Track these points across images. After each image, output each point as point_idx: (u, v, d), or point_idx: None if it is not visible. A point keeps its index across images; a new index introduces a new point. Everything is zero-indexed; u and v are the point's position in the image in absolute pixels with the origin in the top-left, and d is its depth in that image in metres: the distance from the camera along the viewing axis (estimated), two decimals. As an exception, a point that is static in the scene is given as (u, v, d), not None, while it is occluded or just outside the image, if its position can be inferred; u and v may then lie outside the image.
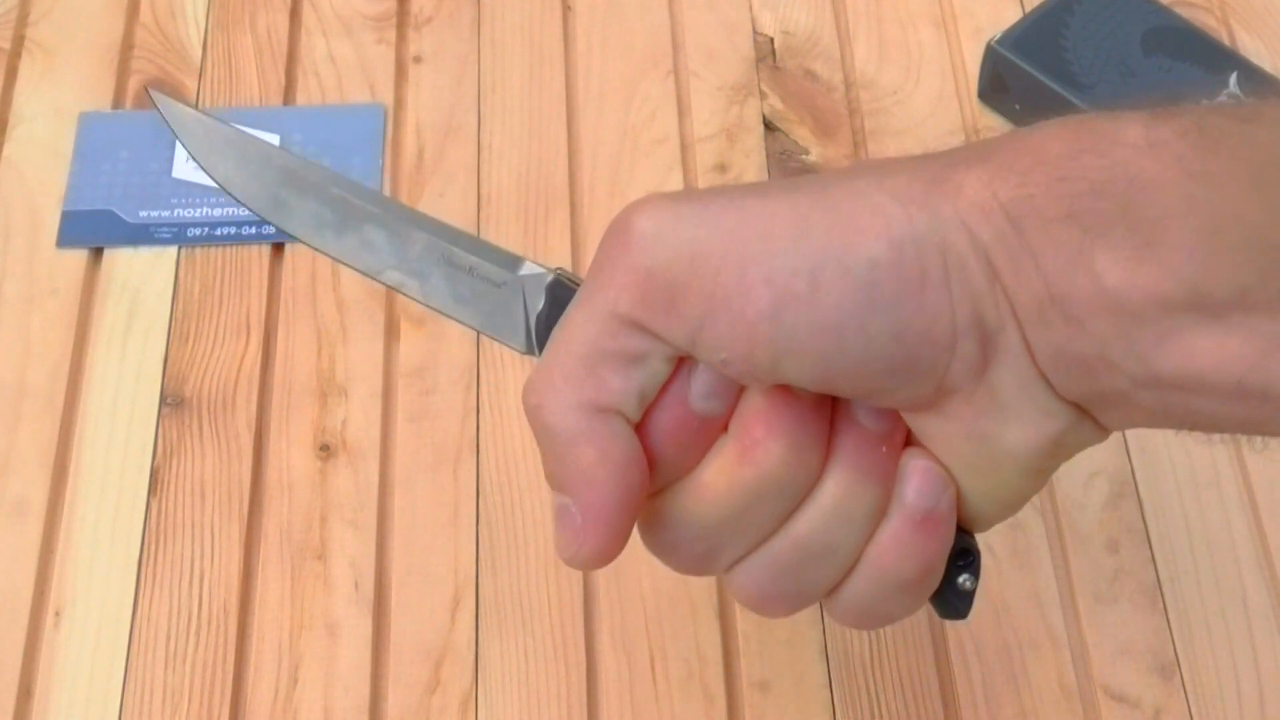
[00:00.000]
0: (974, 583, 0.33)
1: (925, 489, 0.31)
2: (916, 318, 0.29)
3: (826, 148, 0.57)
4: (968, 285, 0.29)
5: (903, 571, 0.32)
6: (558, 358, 0.31)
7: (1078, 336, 0.28)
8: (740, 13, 0.61)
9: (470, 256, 0.35)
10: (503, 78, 0.59)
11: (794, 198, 0.30)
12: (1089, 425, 0.31)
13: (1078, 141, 0.29)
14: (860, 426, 0.32)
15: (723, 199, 0.30)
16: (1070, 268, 0.28)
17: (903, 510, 0.32)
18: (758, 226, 0.29)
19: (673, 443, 0.32)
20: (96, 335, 0.52)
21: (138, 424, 0.50)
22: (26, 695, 0.45)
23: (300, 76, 0.59)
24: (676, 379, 0.31)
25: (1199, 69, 0.55)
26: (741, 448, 0.31)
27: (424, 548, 0.48)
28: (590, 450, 0.31)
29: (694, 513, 0.32)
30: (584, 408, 0.31)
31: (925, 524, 0.32)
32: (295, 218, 0.36)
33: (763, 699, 0.45)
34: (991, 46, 0.56)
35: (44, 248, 0.54)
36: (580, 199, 0.56)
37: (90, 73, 0.59)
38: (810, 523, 0.31)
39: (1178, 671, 0.45)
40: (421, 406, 0.51)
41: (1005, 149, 0.29)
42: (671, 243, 0.29)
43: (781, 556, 0.32)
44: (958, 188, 0.29)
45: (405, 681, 0.46)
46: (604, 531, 0.31)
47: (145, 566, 0.47)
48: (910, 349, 0.29)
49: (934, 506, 0.32)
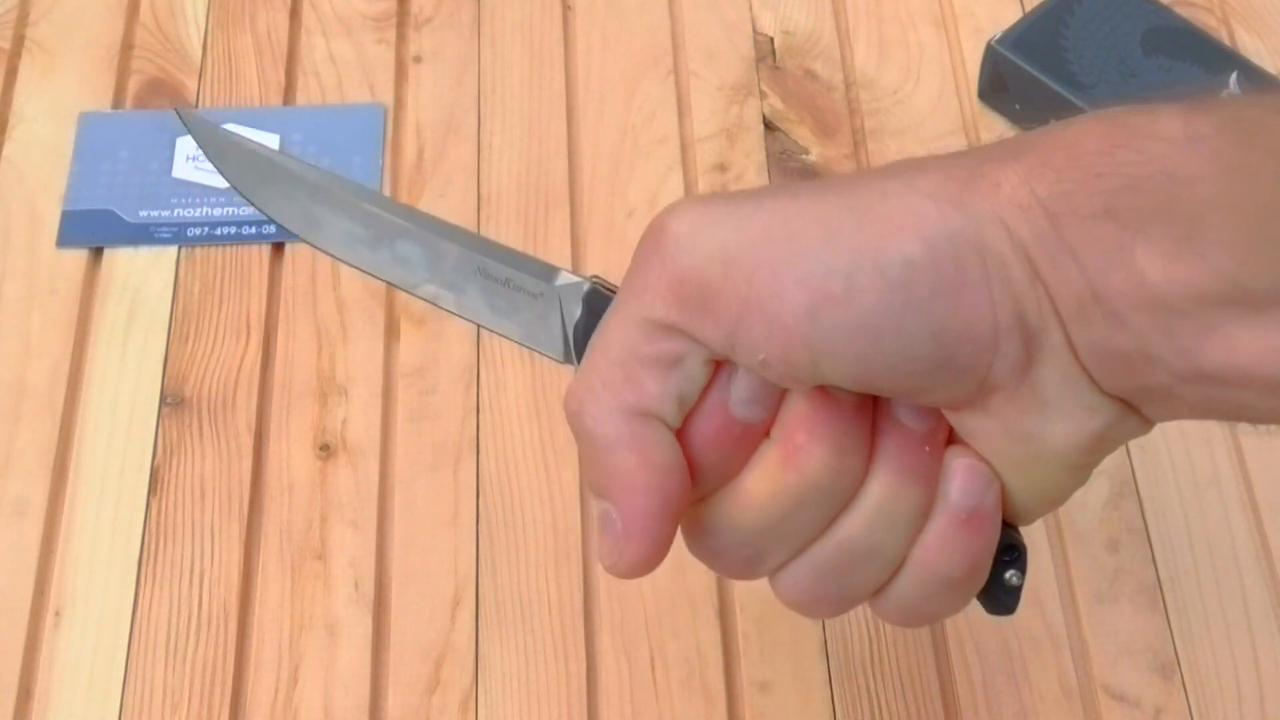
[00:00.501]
0: (1021, 578, 0.33)
1: (970, 487, 0.31)
2: (955, 317, 0.29)
3: (826, 147, 0.57)
4: (1008, 283, 0.28)
5: (949, 570, 0.32)
6: (596, 364, 0.31)
7: (1119, 332, 0.28)
8: (740, 13, 0.61)
9: (505, 268, 0.35)
10: (503, 77, 0.59)
11: (824, 198, 0.30)
12: (1133, 419, 0.30)
13: (1113, 137, 0.28)
14: (902, 426, 0.31)
15: (754, 201, 0.30)
16: (1110, 264, 0.28)
17: (947, 509, 0.31)
18: (789, 228, 0.29)
19: (714, 450, 0.32)
20: (96, 335, 0.52)
21: (138, 424, 0.50)
22: (26, 695, 0.45)
23: (300, 76, 0.59)
24: (716, 385, 0.31)
25: (1199, 69, 0.55)
26: (784, 453, 0.31)
27: (424, 547, 0.48)
28: (630, 455, 0.31)
29: (737, 519, 0.32)
30: (623, 413, 0.31)
31: (970, 522, 0.31)
32: (329, 235, 0.36)
33: (763, 699, 0.45)
34: (991, 46, 0.56)
35: (44, 247, 0.54)
36: (580, 199, 0.56)
37: (90, 72, 0.59)
38: (855, 526, 0.31)
39: (1178, 671, 0.45)
40: (421, 406, 0.51)
41: (1040, 146, 0.29)
42: (704, 246, 0.30)
43: (827, 560, 0.32)
44: (994, 185, 0.29)
45: (405, 681, 0.46)
46: (646, 538, 0.31)
47: (145, 566, 0.47)
48: (950, 348, 0.29)
49: (979, 504, 0.31)
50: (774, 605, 0.47)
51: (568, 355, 0.34)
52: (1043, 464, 0.31)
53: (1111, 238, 0.28)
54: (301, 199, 0.36)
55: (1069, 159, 0.28)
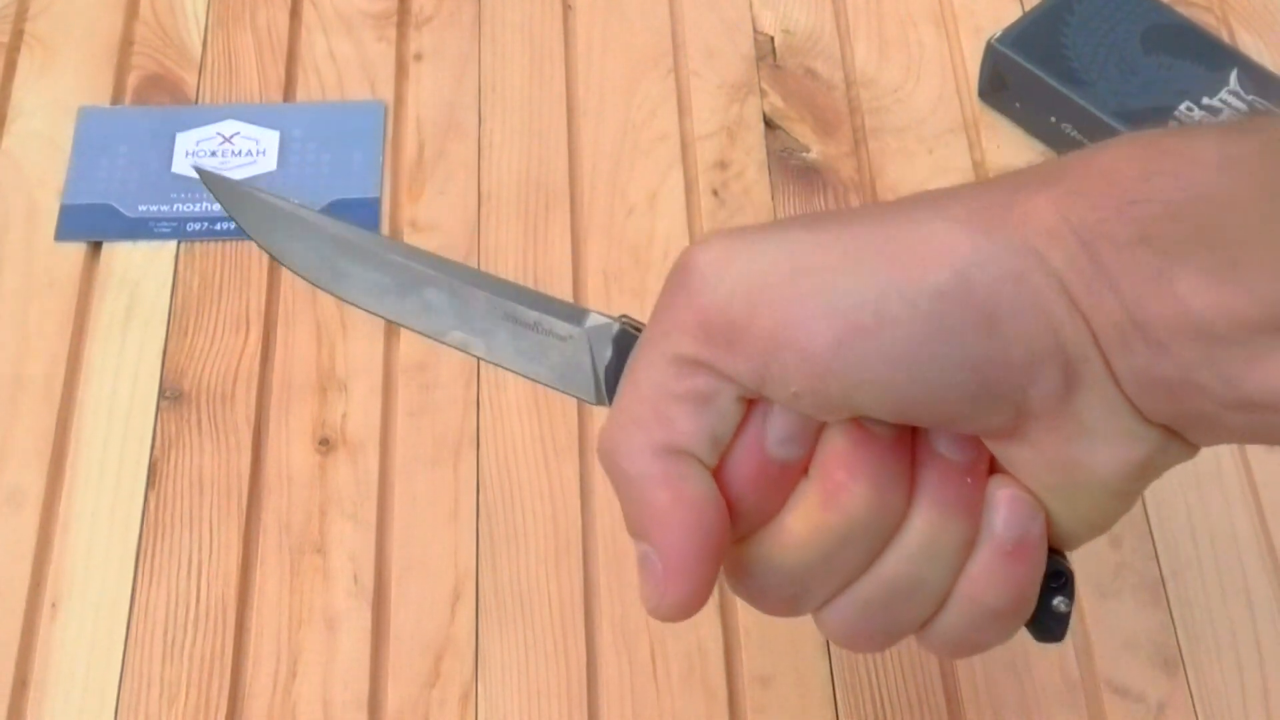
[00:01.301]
0: (1069, 605, 0.33)
1: (1014, 518, 0.31)
2: (990, 346, 0.28)
3: (827, 145, 0.57)
4: (1044, 312, 0.28)
5: (996, 602, 0.31)
6: (626, 403, 0.31)
7: (1162, 360, 0.28)
8: (740, 12, 0.61)
9: (533, 312, 0.34)
10: (503, 76, 0.59)
11: (851, 228, 0.29)
12: (1177, 444, 0.30)
13: (1149, 162, 0.28)
14: (943, 458, 0.31)
15: (779, 233, 0.30)
16: (1150, 292, 0.27)
17: (992, 541, 0.31)
18: (815, 259, 0.29)
19: (752, 489, 0.31)
20: (95, 328, 0.52)
21: (136, 417, 0.50)
22: (22, 687, 0.45)
23: (300, 73, 0.59)
24: (751, 424, 0.31)
25: (1199, 66, 0.55)
26: (824, 491, 0.30)
27: (424, 542, 0.48)
28: (664, 492, 0.30)
29: (778, 559, 0.31)
30: (655, 450, 0.30)
31: (1016, 553, 0.31)
32: (355, 286, 0.36)
33: (764, 693, 0.45)
34: (991, 45, 0.57)
35: (42, 241, 0.54)
36: (580, 197, 0.56)
37: (89, 68, 0.58)
38: (898, 562, 0.31)
39: (1181, 665, 0.45)
40: (422, 401, 0.51)
41: (1073, 172, 0.28)
42: (729, 280, 0.29)
43: (871, 596, 0.31)
44: (1024, 214, 0.28)
45: (405, 675, 0.45)
46: (687, 578, 0.30)
47: (143, 559, 0.47)
48: (985, 377, 0.28)
49: (1024, 535, 0.31)
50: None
51: (599, 397, 0.34)
52: (1087, 492, 0.30)
53: (1149, 266, 0.27)
54: (325, 251, 0.36)
55: (1103, 185, 0.28)
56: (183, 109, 0.57)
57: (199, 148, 0.56)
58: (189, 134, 0.56)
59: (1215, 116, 0.54)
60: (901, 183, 0.56)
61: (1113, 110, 0.54)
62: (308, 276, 0.36)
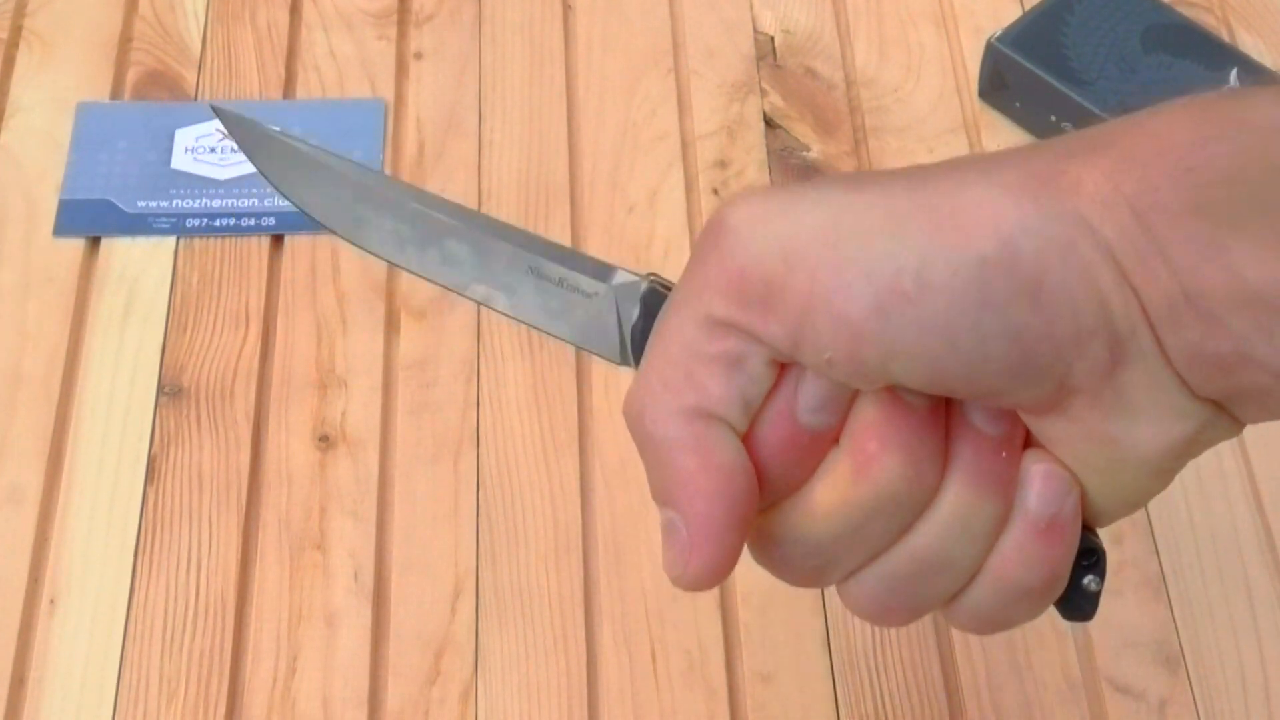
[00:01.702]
0: (1099, 584, 0.32)
1: (1049, 494, 0.30)
2: (1035, 318, 0.27)
3: (827, 144, 0.57)
4: (1092, 284, 0.27)
5: (1027, 580, 0.30)
6: (655, 365, 0.30)
7: (1215, 334, 0.27)
8: (740, 12, 0.61)
9: (559, 267, 0.33)
10: (504, 75, 0.59)
11: (893, 190, 0.28)
12: (1225, 420, 0.29)
13: (1204, 128, 0.27)
14: (978, 431, 0.30)
15: (817, 193, 0.29)
16: (1204, 263, 0.26)
17: (1025, 517, 0.30)
18: (856, 221, 0.28)
19: (781, 457, 0.30)
20: (93, 324, 0.52)
21: (135, 413, 0.50)
22: (20, 683, 0.44)
23: (300, 71, 0.59)
24: (782, 390, 0.30)
25: (1199, 65, 0.55)
26: (855, 463, 0.29)
27: (424, 539, 0.48)
28: (692, 458, 0.29)
29: (806, 529, 0.30)
30: (685, 414, 0.29)
31: (1050, 531, 0.30)
32: (375, 235, 0.35)
33: (765, 690, 0.45)
34: (992, 44, 0.57)
35: (41, 236, 0.54)
36: (580, 195, 0.56)
37: (88, 64, 0.58)
38: (929, 536, 0.30)
39: (1183, 663, 0.45)
40: (422, 399, 0.51)
41: (1125, 137, 0.27)
42: (765, 240, 0.28)
43: (899, 570, 0.30)
44: (1075, 181, 0.27)
45: (405, 672, 0.45)
46: (712, 546, 0.30)
47: (142, 555, 0.47)
48: (1028, 350, 0.27)
49: (1058, 512, 0.30)
50: (776, 597, 0.47)
51: (624, 357, 0.33)
52: (1126, 469, 0.29)
53: (1204, 235, 0.26)
54: (346, 198, 0.35)
55: (1156, 152, 0.27)
56: (182, 105, 0.57)
57: (198, 144, 0.56)
58: (188, 130, 0.56)
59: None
60: (902, 182, 0.56)
61: (1113, 109, 0.54)
62: (327, 223, 0.35)
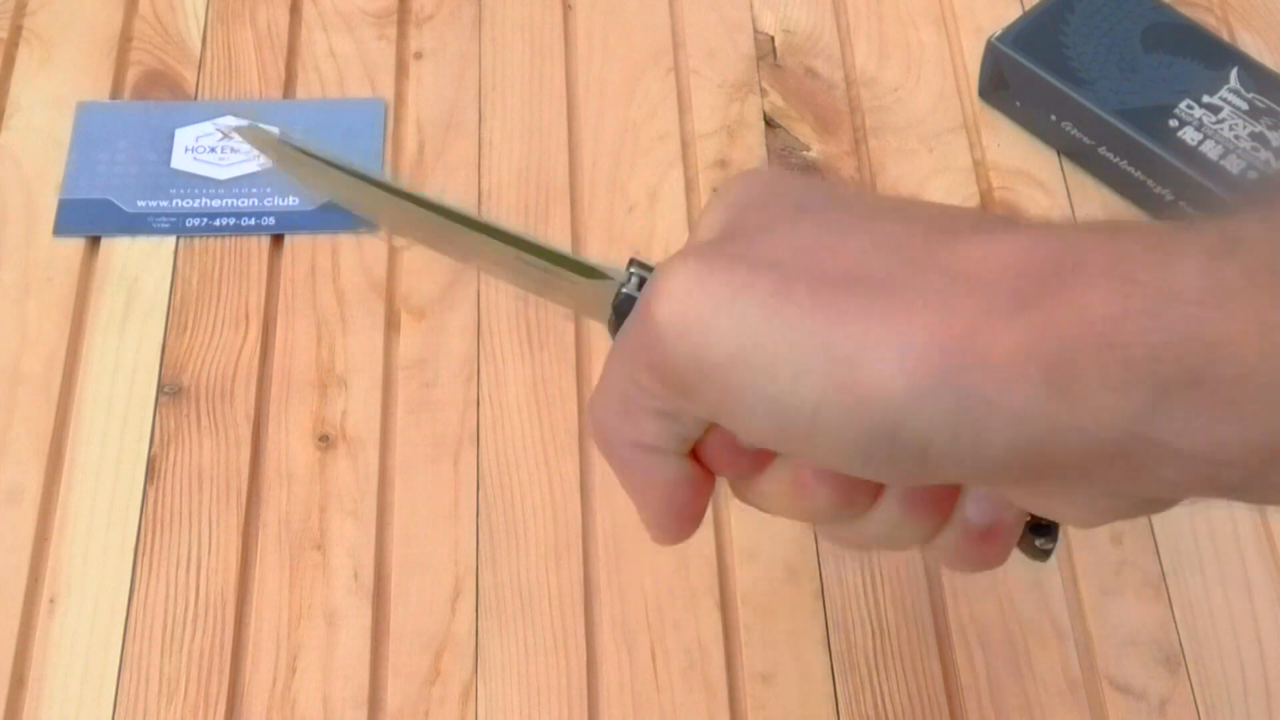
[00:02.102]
0: (1052, 543, 0.33)
1: (986, 511, 0.32)
2: (923, 473, 0.28)
3: (827, 144, 0.57)
4: (985, 449, 0.27)
5: (970, 564, 0.33)
6: (606, 395, 0.32)
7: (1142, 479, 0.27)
8: (741, 12, 0.61)
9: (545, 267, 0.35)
10: (503, 75, 0.59)
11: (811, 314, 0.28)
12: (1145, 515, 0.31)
13: (1126, 300, 0.26)
14: None
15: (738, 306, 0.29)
16: (1127, 431, 0.26)
17: (964, 524, 0.32)
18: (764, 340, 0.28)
19: (729, 467, 0.33)
20: (93, 323, 0.52)
21: (135, 412, 0.50)
22: (20, 683, 0.44)
23: (300, 71, 0.59)
24: None
25: (1199, 64, 0.55)
26: (792, 485, 0.32)
27: (424, 539, 0.48)
28: (638, 476, 0.33)
29: (765, 501, 0.33)
30: (629, 444, 0.33)
31: (987, 537, 0.32)
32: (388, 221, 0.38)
33: (764, 690, 0.45)
34: (992, 43, 0.57)
35: (40, 236, 0.53)
36: (580, 195, 0.56)
37: (88, 63, 0.58)
38: (871, 526, 0.32)
39: (1183, 663, 0.45)
40: (422, 398, 0.51)
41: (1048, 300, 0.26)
42: (684, 348, 0.29)
43: (852, 537, 0.33)
44: (985, 349, 0.27)
45: (405, 672, 0.45)
46: (665, 531, 0.34)
47: (142, 554, 0.47)
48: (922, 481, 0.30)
49: (996, 522, 0.32)
50: (776, 596, 0.47)
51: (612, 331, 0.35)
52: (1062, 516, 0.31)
53: (1128, 409, 0.26)
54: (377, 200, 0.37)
55: (1077, 325, 0.26)
56: (182, 104, 0.57)
57: (198, 143, 0.56)
58: (188, 129, 0.56)
59: (1215, 115, 0.54)
60: (902, 181, 0.56)
61: (1113, 109, 0.54)
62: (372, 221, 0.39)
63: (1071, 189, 0.56)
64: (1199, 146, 0.53)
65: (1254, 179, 0.52)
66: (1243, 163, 0.53)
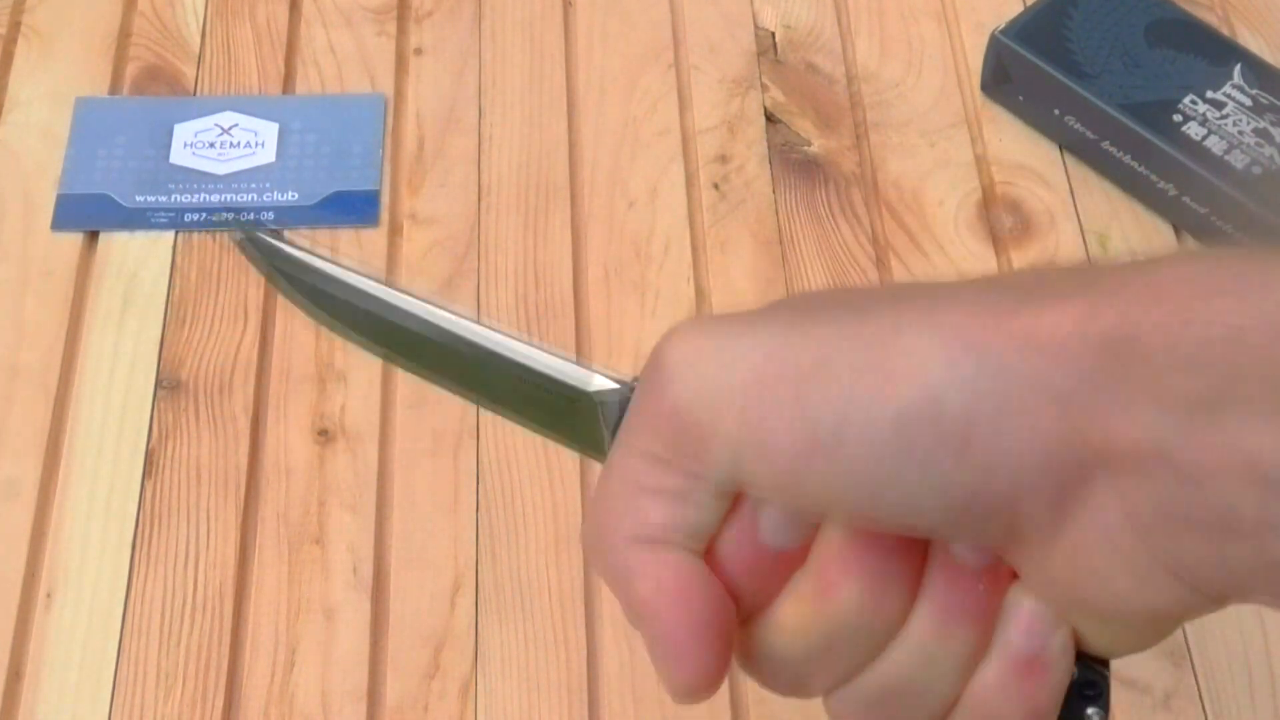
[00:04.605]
0: (1103, 716, 0.29)
1: (1033, 629, 0.28)
2: (962, 473, 0.26)
3: (828, 140, 0.57)
4: (1032, 438, 0.25)
5: (1007, 716, 0.29)
6: (603, 496, 0.30)
7: (1193, 496, 0.24)
8: (741, 7, 0.61)
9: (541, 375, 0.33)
10: (503, 71, 0.59)
11: (826, 329, 0.27)
12: (1200, 599, 0.26)
13: (1214, 280, 0.24)
14: (954, 561, 0.28)
15: (752, 329, 0.27)
16: (1186, 425, 0.24)
17: (1005, 651, 0.28)
18: (783, 363, 0.27)
19: (748, 575, 0.29)
20: (91, 318, 0.51)
21: (132, 406, 0.49)
22: (16, 677, 0.44)
23: (300, 66, 0.59)
24: (743, 509, 0.29)
25: (1203, 60, 0.55)
26: (816, 587, 0.28)
27: (424, 533, 0.47)
28: (645, 583, 0.29)
29: (777, 646, 0.30)
30: (631, 542, 0.29)
31: (1032, 668, 0.28)
32: None
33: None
34: (995, 36, 0.56)
35: (39, 230, 0.53)
36: (581, 191, 0.56)
37: (87, 59, 0.58)
38: (898, 664, 0.29)
39: (1188, 656, 0.45)
40: (421, 393, 0.50)
41: (1109, 281, 0.25)
42: (696, 383, 0.27)
43: (872, 692, 0.29)
44: (1031, 325, 0.25)
45: (404, 667, 0.45)
46: (683, 662, 0.29)
47: (139, 549, 0.46)
48: (958, 501, 0.26)
49: (1041, 650, 0.28)
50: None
51: None
52: (1106, 621, 0.28)
53: (1191, 395, 0.24)
54: None
55: (1147, 298, 0.24)
56: (181, 100, 0.57)
57: (197, 139, 0.56)
58: (187, 125, 0.56)
59: (1219, 110, 0.54)
60: (903, 176, 0.56)
61: (1117, 104, 0.54)
62: None
63: (1074, 184, 0.56)
64: (1203, 141, 0.53)
65: (1258, 175, 0.52)
66: (1247, 158, 0.53)
